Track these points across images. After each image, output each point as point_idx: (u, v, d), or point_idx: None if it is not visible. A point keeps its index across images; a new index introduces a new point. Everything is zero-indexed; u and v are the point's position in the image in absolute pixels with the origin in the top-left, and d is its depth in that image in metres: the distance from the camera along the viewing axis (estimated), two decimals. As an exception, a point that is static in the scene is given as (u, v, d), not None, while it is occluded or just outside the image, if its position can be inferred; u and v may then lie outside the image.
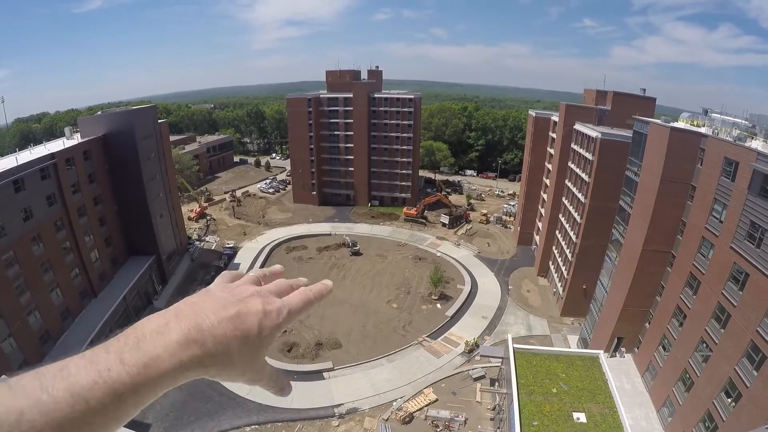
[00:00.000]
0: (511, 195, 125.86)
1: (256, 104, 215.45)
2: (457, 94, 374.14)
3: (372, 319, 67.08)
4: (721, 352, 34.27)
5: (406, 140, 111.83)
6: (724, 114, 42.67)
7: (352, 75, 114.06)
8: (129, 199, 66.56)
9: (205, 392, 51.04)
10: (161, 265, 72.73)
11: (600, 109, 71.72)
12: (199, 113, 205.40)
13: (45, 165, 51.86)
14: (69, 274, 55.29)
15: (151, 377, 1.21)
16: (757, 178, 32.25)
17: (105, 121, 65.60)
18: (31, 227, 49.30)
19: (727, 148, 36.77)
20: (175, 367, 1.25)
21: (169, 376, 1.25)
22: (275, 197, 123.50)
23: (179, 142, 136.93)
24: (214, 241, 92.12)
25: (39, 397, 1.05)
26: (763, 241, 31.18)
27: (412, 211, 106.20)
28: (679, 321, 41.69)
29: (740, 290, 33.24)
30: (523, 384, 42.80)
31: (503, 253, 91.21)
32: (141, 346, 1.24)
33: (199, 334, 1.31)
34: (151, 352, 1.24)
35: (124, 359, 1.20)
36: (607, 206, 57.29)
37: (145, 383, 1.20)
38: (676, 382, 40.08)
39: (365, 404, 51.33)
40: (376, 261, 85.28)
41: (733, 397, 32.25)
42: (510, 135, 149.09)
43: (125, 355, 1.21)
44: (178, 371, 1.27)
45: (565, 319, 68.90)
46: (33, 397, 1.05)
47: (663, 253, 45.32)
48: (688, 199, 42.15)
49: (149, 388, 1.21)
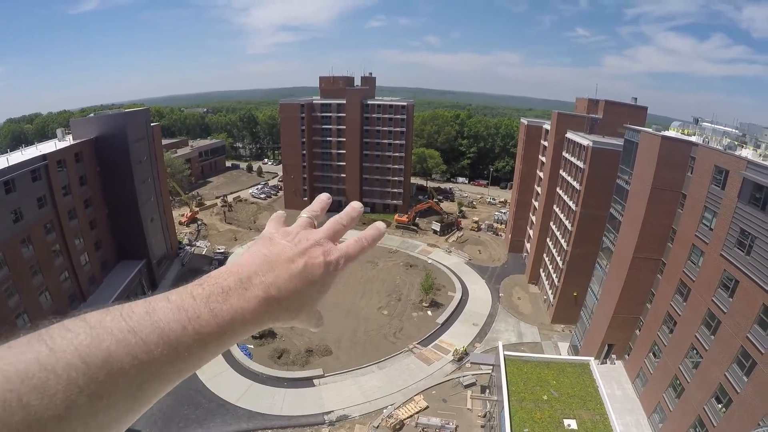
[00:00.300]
0: (502, 203, 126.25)
1: (249, 109, 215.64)
2: (449, 102, 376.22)
3: (363, 325, 66.85)
4: (711, 358, 34.47)
5: (399, 147, 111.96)
6: (715, 123, 43.26)
7: (345, 81, 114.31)
8: (120, 203, 66.12)
9: (194, 398, 50.56)
10: (151, 269, 72.16)
11: (591, 118, 72.32)
12: (192, 117, 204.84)
13: (36, 166, 51.48)
14: (58, 278, 54.75)
15: (235, 328, 1.27)
16: (747, 186, 32.61)
17: (97, 123, 65.18)
18: (21, 229, 48.81)
19: (717, 157, 37.17)
20: (255, 319, 1.32)
21: (249, 327, 1.32)
22: (267, 203, 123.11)
23: (171, 145, 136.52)
24: (205, 246, 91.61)
25: (127, 339, 1.04)
26: (753, 249, 31.48)
27: (404, 218, 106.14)
28: (669, 328, 41.91)
29: (730, 297, 33.52)
30: (513, 391, 42.78)
31: (494, 261, 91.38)
32: (228, 298, 1.29)
33: (276, 291, 1.38)
34: (237, 305, 1.29)
35: (213, 309, 1.24)
36: (598, 214, 57.63)
37: (230, 333, 1.25)
38: (667, 389, 40.25)
39: (355, 411, 51.03)
40: (367, 268, 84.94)
41: (723, 403, 32.40)
42: (502, 143, 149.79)
43: (213, 305, 1.25)
44: (257, 322, 1.34)
45: (555, 326, 69.06)
46: (120, 338, 1.03)
47: (653, 260, 45.62)
48: (679, 207, 42.51)
49: (230, 337, 1.27)
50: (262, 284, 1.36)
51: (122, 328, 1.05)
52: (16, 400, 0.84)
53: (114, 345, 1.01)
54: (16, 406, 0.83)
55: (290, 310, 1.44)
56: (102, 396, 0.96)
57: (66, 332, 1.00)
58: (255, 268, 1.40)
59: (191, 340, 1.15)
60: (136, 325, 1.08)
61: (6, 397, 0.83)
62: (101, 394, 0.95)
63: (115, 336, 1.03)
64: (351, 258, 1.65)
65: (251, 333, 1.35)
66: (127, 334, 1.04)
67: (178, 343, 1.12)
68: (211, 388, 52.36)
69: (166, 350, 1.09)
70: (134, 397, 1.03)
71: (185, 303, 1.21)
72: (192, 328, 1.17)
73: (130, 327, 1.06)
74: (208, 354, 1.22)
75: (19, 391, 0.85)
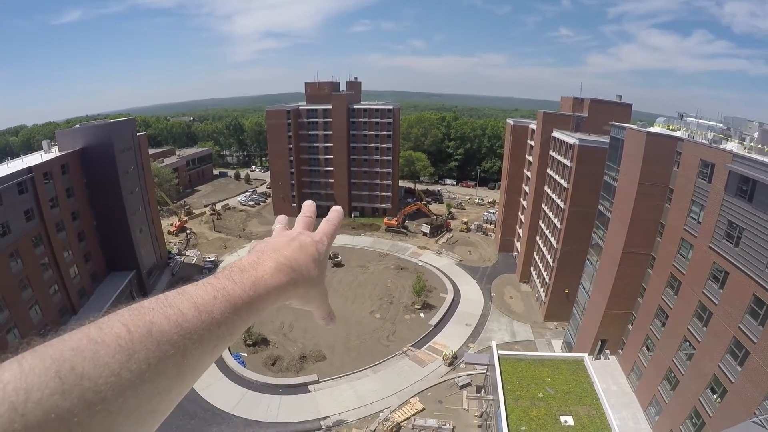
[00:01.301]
0: (491, 203, 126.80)
1: (236, 117, 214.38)
2: (435, 105, 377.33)
3: (355, 330, 66.64)
4: (704, 349, 34.86)
5: (386, 151, 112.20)
6: (699, 117, 43.78)
7: (331, 86, 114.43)
8: (108, 214, 65.48)
9: (189, 409, 50.05)
10: (141, 280, 71.46)
11: (577, 116, 72.91)
12: (178, 126, 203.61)
13: (22, 179, 50.93)
14: (48, 291, 54.07)
15: (260, 293, 1.43)
16: (733, 178, 33.09)
17: (83, 134, 64.58)
18: (9, 243, 48.16)
19: (702, 151, 37.68)
20: (276, 285, 1.51)
21: (273, 293, 1.49)
22: (255, 210, 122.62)
23: (158, 155, 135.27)
24: (195, 255, 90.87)
25: (166, 311, 1.15)
26: (741, 240, 31.92)
27: (393, 222, 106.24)
28: (661, 321, 42.32)
29: (720, 288, 33.95)
30: (509, 390, 42.75)
31: (485, 261, 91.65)
32: (245, 272, 1.46)
33: (286, 260, 1.62)
34: (255, 275, 1.47)
35: (235, 280, 1.40)
36: (587, 211, 58.01)
37: (256, 298, 1.41)
38: (662, 381, 40.64)
39: (352, 416, 50.83)
40: (357, 272, 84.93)
41: (718, 393, 32.78)
42: (488, 144, 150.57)
43: (235, 277, 1.42)
44: (281, 288, 1.53)
45: (548, 323, 69.35)
46: (160, 311, 1.14)
47: (643, 255, 46.08)
48: (666, 201, 43.02)
49: (259, 303, 1.42)
50: (271, 258, 1.59)
51: (160, 303, 1.18)
52: (70, 370, 0.90)
53: (155, 316, 1.12)
54: (73, 375, 0.90)
55: (307, 280, 1.67)
56: (150, 363, 1.04)
57: (110, 314, 1.10)
58: (262, 253, 1.64)
59: (223, 306, 1.29)
60: (172, 301, 1.21)
61: (61, 368, 0.89)
62: (150, 361, 1.04)
63: (155, 310, 1.14)
64: (328, 234, 1.97)
65: (275, 300, 1.52)
66: (165, 308, 1.16)
67: (212, 308, 1.26)
68: (205, 398, 51.91)
69: (203, 315, 1.22)
70: (180, 366, 1.12)
71: (210, 281, 1.36)
72: (221, 295, 1.31)
73: (167, 303, 1.19)
74: (240, 320, 1.34)
75: (73, 361, 0.92)
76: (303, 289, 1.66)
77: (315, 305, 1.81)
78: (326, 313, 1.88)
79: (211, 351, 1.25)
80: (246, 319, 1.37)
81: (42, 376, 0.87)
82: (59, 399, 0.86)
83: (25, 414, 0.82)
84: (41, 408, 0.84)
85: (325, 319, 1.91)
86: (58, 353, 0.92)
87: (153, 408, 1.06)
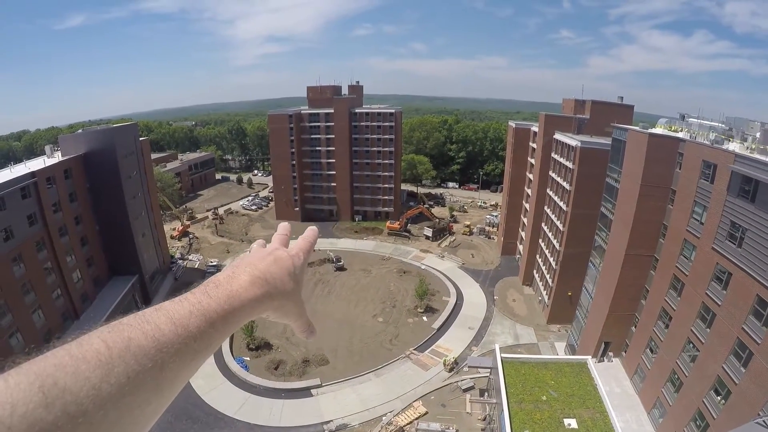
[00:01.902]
0: (493, 206, 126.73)
1: (238, 121, 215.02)
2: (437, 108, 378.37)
3: (358, 334, 66.59)
4: (708, 351, 34.68)
5: (388, 154, 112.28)
6: (701, 118, 43.66)
7: (332, 90, 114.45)
8: (111, 218, 65.62)
9: (192, 413, 50.05)
10: (144, 284, 71.51)
11: (579, 118, 72.90)
12: (181, 131, 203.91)
13: (25, 184, 51.08)
14: (50, 295, 54.11)
15: (235, 307, 1.48)
16: (736, 179, 32.99)
17: (86, 139, 64.83)
18: (12, 247, 48.27)
19: (705, 152, 37.57)
20: (251, 298, 1.55)
21: (248, 306, 1.53)
22: (258, 214, 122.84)
23: (161, 160, 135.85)
24: (198, 259, 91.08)
25: (143, 327, 1.21)
26: (744, 241, 31.79)
27: (395, 225, 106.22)
28: (665, 323, 42.14)
29: (724, 289, 33.78)
30: (512, 393, 42.63)
31: (487, 264, 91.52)
32: (220, 287, 1.52)
33: (260, 274, 1.66)
34: (230, 289, 1.52)
35: (210, 294, 1.46)
36: (589, 213, 57.89)
37: (231, 311, 1.46)
38: (665, 383, 40.45)
39: (355, 420, 50.74)
40: (360, 276, 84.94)
41: (722, 395, 32.59)
42: (491, 146, 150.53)
43: (210, 292, 1.47)
44: (255, 301, 1.57)
45: (551, 326, 69.19)
46: (137, 327, 1.20)
47: (646, 257, 45.93)
48: (669, 202, 42.88)
49: (234, 316, 1.47)
50: (246, 272, 1.63)
51: (138, 320, 1.24)
52: (53, 384, 0.96)
53: (133, 332, 1.18)
54: (56, 389, 0.96)
55: (282, 292, 1.71)
56: (129, 376, 1.09)
57: (90, 331, 1.16)
58: (235, 267, 1.68)
59: (198, 320, 1.34)
60: (149, 317, 1.26)
61: (44, 383, 0.95)
62: (128, 374, 1.09)
63: (133, 326, 1.20)
64: (304, 250, 2.00)
65: (250, 313, 1.56)
66: (143, 323, 1.22)
67: (188, 322, 1.31)
68: (208, 402, 51.88)
69: (179, 330, 1.27)
70: (158, 379, 1.17)
71: (186, 297, 1.42)
72: (196, 310, 1.36)
73: (145, 319, 1.25)
74: (216, 333, 1.40)
75: (55, 376, 0.98)
76: (278, 301, 1.70)
77: (292, 318, 1.84)
78: (304, 325, 1.90)
79: (189, 364, 1.30)
80: (222, 331, 1.42)
81: (26, 391, 0.92)
82: (43, 412, 0.92)
83: (12, 427, 0.87)
84: (26, 421, 0.89)
85: (304, 332, 1.93)
86: (41, 369, 0.98)
87: (134, 420, 1.11)
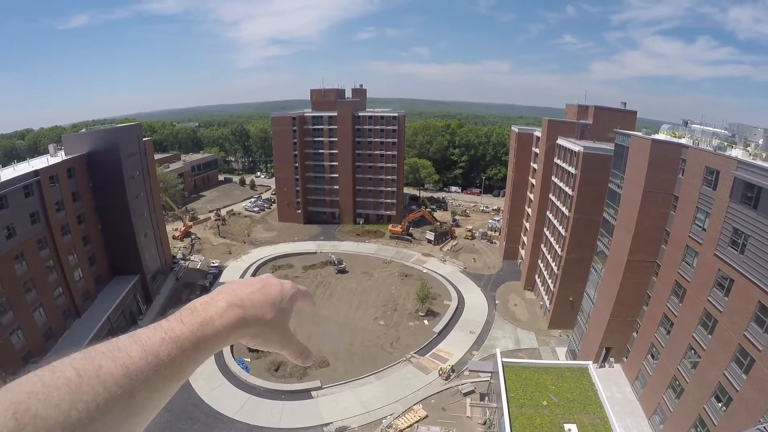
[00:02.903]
0: (495, 210, 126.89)
1: (241, 123, 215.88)
2: (440, 112, 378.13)
3: (359, 336, 66.58)
4: (709, 357, 34.61)
5: (391, 158, 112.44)
6: (704, 124, 43.71)
7: (336, 93, 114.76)
8: (113, 218, 65.84)
9: (192, 413, 50.06)
10: (146, 284, 71.70)
11: (582, 124, 72.94)
12: (184, 132, 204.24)
13: (28, 182, 51.23)
14: (52, 294, 54.23)
15: (208, 333, 1.49)
16: (738, 185, 32.96)
17: (89, 138, 64.96)
18: (14, 245, 48.41)
19: (707, 158, 37.58)
20: (225, 325, 1.55)
21: (222, 333, 1.54)
22: (260, 216, 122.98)
23: (164, 160, 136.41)
24: (199, 260, 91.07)
25: (114, 355, 1.25)
26: (747, 248, 31.75)
27: (398, 228, 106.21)
28: (666, 329, 42.07)
29: (726, 296, 33.73)
30: (513, 397, 42.58)
31: (489, 268, 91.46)
32: (195, 312, 1.54)
33: (239, 300, 1.64)
34: (204, 315, 1.53)
35: (183, 321, 1.48)
36: (591, 219, 57.88)
37: (204, 338, 1.47)
38: (666, 390, 40.35)
39: (354, 422, 50.64)
40: (362, 279, 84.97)
41: (723, 402, 32.50)
42: (493, 151, 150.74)
43: (184, 318, 1.50)
44: (229, 328, 1.56)
45: (552, 331, 69.07)
46: (108, 355, 1.24)
47: (648, 262, 45.88)
48: (671, 209, 42.85)
49: (207, 344, 1.49)
50: (224, 299, 1.62)
51: (111, 347, 1.27)
52: (24, 411, 1.03)
53: (104, 360, 1.22)
54: (27, 416, 1.02)
55: (260, 320, 1.68)
56: (98, 403, 1.14)
57: (62, 357, 1.20)
58: (218, 292, 1.68)
59: (169, 347, 1.36)
60: (122, 344, 1.30)
61: (17, 410, 1.02)
62: (97, 401, 1.14)
63: (104, 354, 1.24)
64: (300, 289, 1.93)
65: (225, 340, 1.56)
66: (114, 351, 1.26)
67: (159, 350, 1.34)
68: (208, 402, 51.88)
69: (149, 357, 1.30)
70: (127, 405, 1.21)
71: (160, 324, 1.44)
72: (168, 337, 1.39)
73: (117, 347, 1.28)
74: (188, 359, 1.41)
75: (28, 403, 1.04)
76: (255, 328, 1.68)
77: (274, 347, 1.82)
78: (293, 354, 1.89)
79: (160, 390, 1.32)
80: (194, 358, 1.45)
81: (1, 417, 0.99)
82: None
83: None
84: None
85: (296, 360, 1.92)
86: (15, 397, 1.04)
87: None
